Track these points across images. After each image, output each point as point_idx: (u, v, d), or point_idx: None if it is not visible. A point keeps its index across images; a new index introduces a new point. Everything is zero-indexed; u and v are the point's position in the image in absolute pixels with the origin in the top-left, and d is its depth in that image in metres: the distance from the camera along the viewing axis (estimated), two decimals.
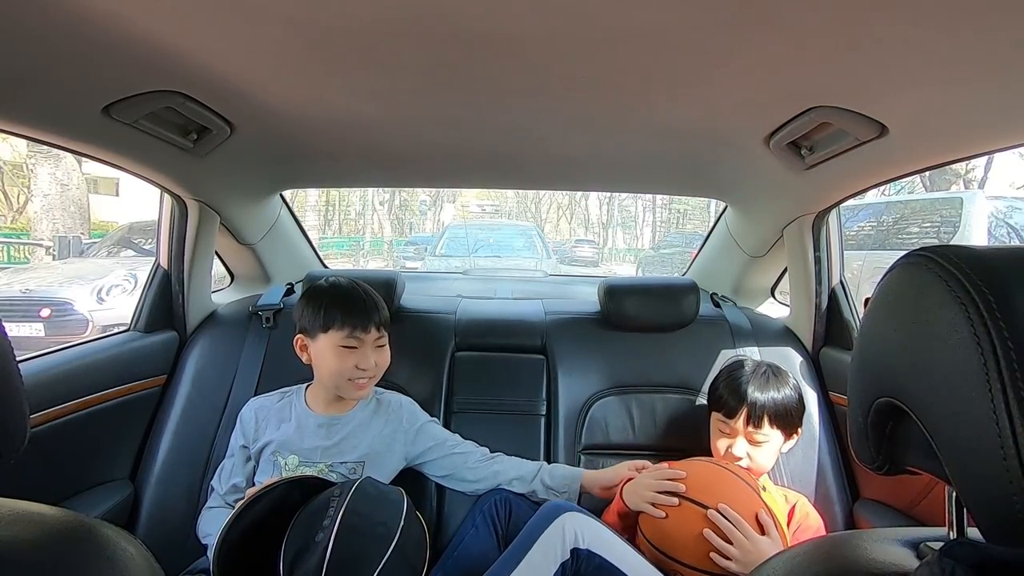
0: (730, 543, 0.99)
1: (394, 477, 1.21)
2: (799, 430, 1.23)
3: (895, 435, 0.44)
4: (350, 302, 1.16)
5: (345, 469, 1.15)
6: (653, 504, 1.07)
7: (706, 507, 1.03)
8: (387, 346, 1.21)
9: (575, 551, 0.99)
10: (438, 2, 0.65)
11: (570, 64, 0.80)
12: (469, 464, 1.23)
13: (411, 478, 1.26)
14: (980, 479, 0.34)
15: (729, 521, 1.00)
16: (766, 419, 1.17)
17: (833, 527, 1.25)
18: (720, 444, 1.21)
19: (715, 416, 1.24)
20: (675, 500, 1.06)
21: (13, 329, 4.43)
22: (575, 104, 0.97)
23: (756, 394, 1.18)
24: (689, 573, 1.03)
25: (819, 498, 1.29)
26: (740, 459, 1.17)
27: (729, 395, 1.21)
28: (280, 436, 1.17)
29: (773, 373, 1.23)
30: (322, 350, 1.14)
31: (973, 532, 0.41)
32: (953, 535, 0.44)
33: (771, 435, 1.18)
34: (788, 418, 1.19)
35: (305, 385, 1.25)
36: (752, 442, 1.18)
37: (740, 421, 1.18)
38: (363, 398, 1.20)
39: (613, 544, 1.01)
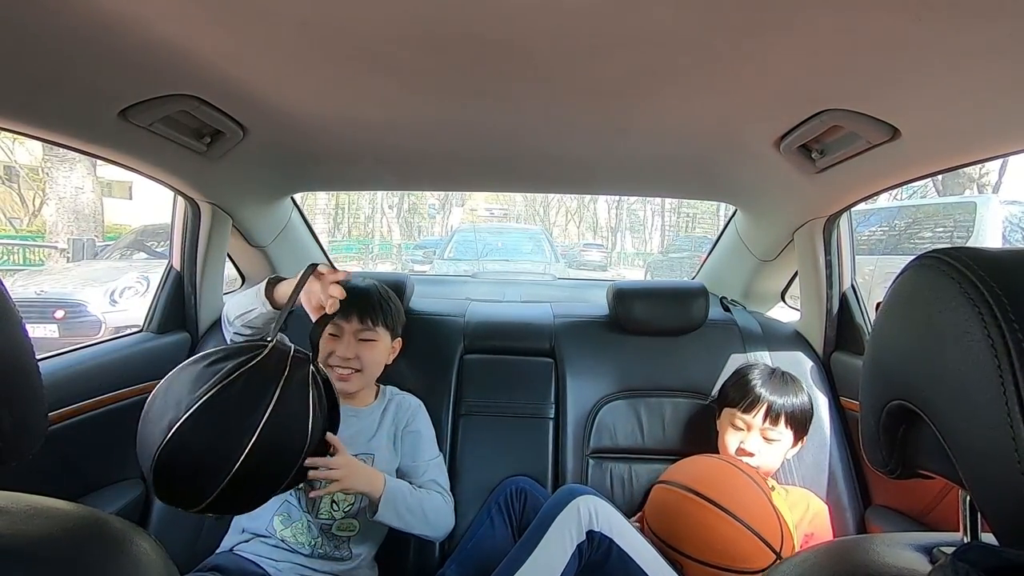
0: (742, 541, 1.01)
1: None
2: (805, 438, 1.26)
3: (907, 438, 0.44)
4: (347, 295, 1.19)
5: None
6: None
7: (714, 503, 1.04)
8: (377, 343, 1.20)
9: (591, 533, 0.99)
10: (449, 7, 0.65)
11: (580, 67, 0.81)
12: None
13: None
14: (994, 482, 0.34)
15: None
16: (783, 418, 1.19)
17: (845, 533, 1.24)
18: (731, 439, 1.22)
19: (728, 412, 1.25)
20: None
21: (28, 330, 4.48)
22: (585, 107, 0.97)
23: (775, 394, 1.20)
24: (693, 565, 1.04)
25: (830, 504, 1.28)
26: (752, 455, 1.18)
27: (747, 392, 1.22)
28: None
29: (790, 378, 1.26)
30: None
31: (987, 537, 0.41)
32: (967, 539, 0.44)
33: (784, 435, 1.20)
34: (802, 421, 1.22)
35: None
36: (765, 439, 1.19)
37: (758, 416, 1.19)
38: (346, 391, 1.18)
39: (624, 529, 1.02)
